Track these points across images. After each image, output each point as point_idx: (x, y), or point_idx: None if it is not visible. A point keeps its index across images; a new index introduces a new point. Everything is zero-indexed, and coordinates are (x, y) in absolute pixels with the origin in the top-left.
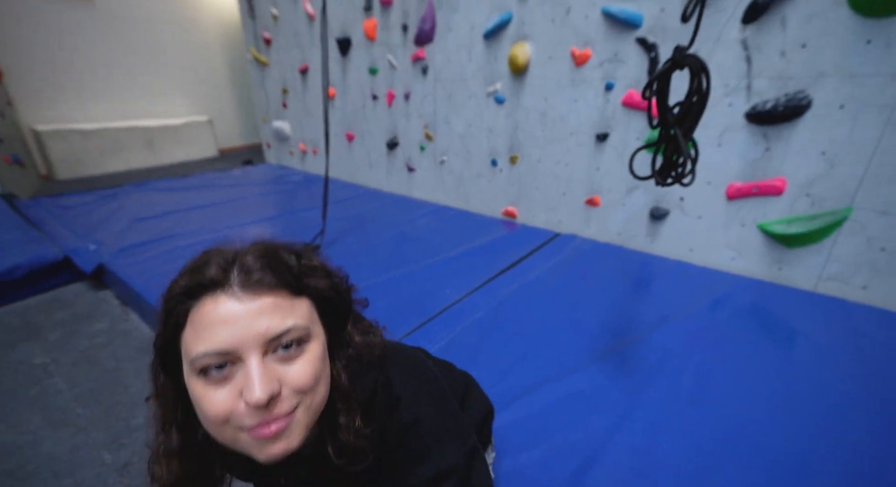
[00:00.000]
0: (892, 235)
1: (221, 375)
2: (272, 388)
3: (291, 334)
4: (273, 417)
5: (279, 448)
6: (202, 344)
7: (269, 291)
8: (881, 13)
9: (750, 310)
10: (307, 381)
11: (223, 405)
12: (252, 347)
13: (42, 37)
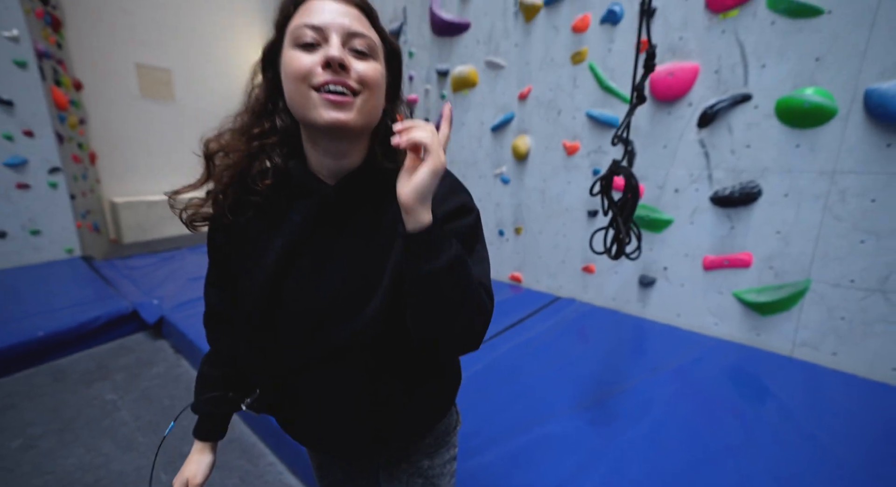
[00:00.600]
0: (849, 306)
1: (311, 48)
2: (344, 57)
3: (366, 40)
4: (340, 80)
5: (336, 116)
6: (304, 19)
7: (357, 8)
8: (803, 126)
9: (728, 371)
10: (369, 75)
11: (308, 63)
12: (337, 31)
13: (130, 127)
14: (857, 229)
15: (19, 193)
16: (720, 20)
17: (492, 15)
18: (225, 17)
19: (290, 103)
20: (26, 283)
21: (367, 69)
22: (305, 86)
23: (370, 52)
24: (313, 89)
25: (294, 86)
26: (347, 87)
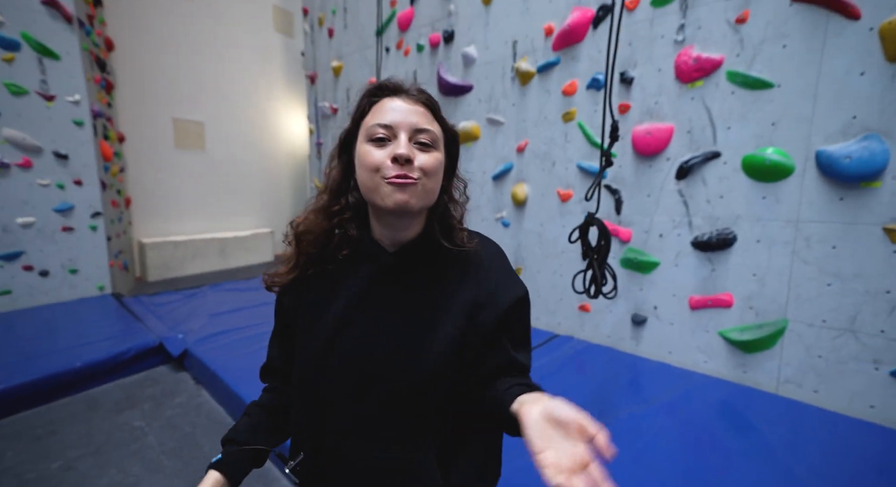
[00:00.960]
0: (824, 345)
1: (383, 143)
2: (410, 153)
3: (428, 135)
4: (405, 173)
5: (402, 198)
6: (378, 118)
7: (423, 105)
8: (767, 180)
9: (715, 406)
10: (430, 165)
11: (379, 157)
12: (404, 129)
13: (163, 174)
14: (823, 273)
15: (63, 235)
16: (689, 88)
17: (492, 79)
18: (252, 76)
19: (361, 187)
20: (63, 319)
21: (428, 160)
22: (378, 176)
23: (432, 144)
24: (383, 179)
25: (367, 176)
26: (410, 178)
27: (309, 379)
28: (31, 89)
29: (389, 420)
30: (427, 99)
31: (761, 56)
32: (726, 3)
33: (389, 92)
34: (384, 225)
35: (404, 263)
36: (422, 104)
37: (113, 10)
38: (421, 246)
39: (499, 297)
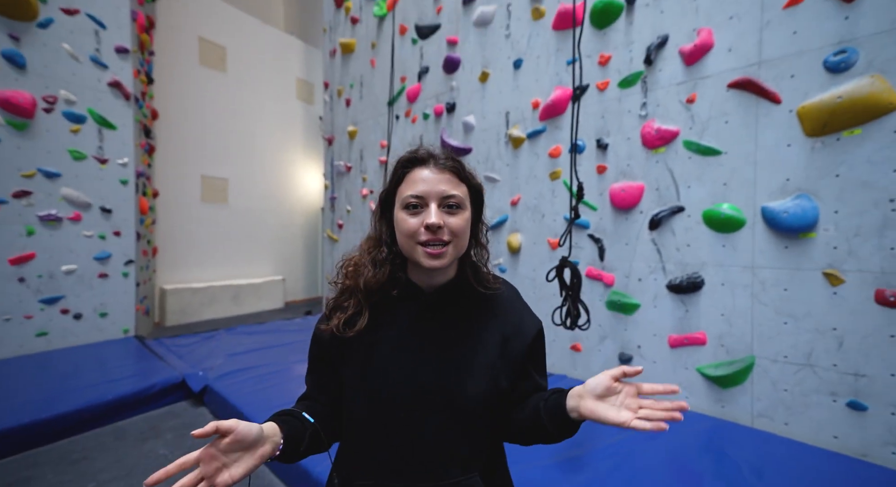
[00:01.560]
0: (788, 379)
1: (416, 210)
2: (440, 220)
3: (455, 199)
4: (437, 239)
5: (436, 262)
6: (410, 189)
7: (449, 172)
8: (724, 231)
9: (694, 439)
10: (459, 227)
11: (414, 225)
12: (434, 198)
13: (189, 226)
14: (779, 313)
15: (99, 281)
16: (654, 154)
17: (488, 143)
18: (274, 137)
19: (400, 247)
20: (93, 358)
21: (457, 222)
22: (413, 241)
23: (460, 205)
24: (418, 244)
25: (404, 240)
26: (441, 242)
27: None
28: (90, 154)
29: (445, 445)
30: (453, 165)
31: (709, 129)
32: (678, 86)
33: (420, 162)
34: (420, 273)
35: (440, 303)
36: (448, 171)
37: (160, 85)
38: (454, 289)
39: (523, 330)
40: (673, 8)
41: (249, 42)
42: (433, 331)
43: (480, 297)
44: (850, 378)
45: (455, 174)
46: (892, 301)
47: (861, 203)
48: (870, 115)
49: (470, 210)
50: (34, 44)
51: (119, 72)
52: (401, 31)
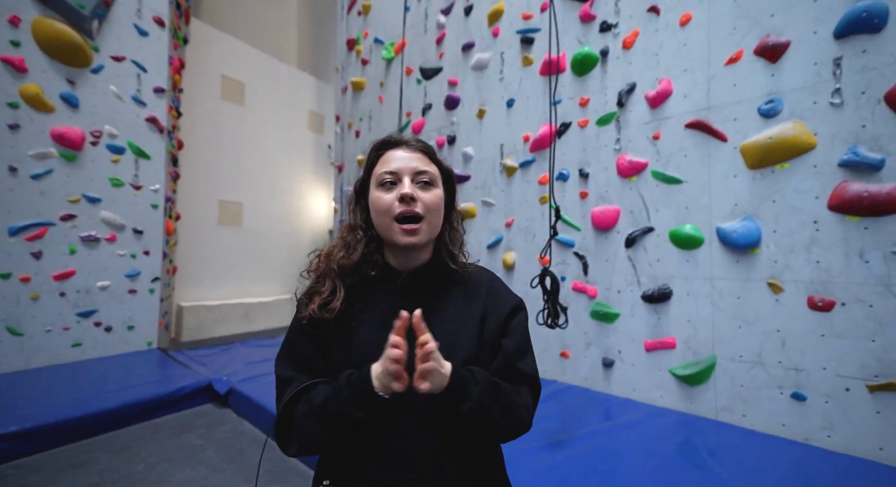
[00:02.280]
0: (743, 376)
1: (391, 186)
2: (414, 192)
3: (427, 175)
4: (411, 211)
5: (412, 238)
6: (385, 167)
7: (421, 152)
8: (687, 248)
9: (664, 432)
10: (432, 202)
11: (389, 200)
12: (407, 173)
13: (205, 247)
14: (734, 317)
15: (128, 296)
16: (627, 182)
17: (485, 171)
18: (286, 164)
19: (376, 226)
20: (124, 366)
21: (430, 197)
22: (389, 217)
23: (432, 182)
24: (395, 220)
25: (380, 218)
26: (416, 214)
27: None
28: (126, 181)
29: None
30: (424, 146)
31: (672, 161)
32: (645, 125)
33: (392, 145)
34: (396, 254)
35: (417, 284)
36: (419, 151)
37: (186, 118)
38: (430, 269)
39: (498, 307)
40: (639, 61)
41: (266, 78)
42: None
43: (457, 278)
44: (793, 372)
45: (426, 154)
46: (820, 306)
47: (792, 224)
48: (794, 153)
49: (442, 189)
50: (86, 86)
51: (155, 108)
52: (407, 72)
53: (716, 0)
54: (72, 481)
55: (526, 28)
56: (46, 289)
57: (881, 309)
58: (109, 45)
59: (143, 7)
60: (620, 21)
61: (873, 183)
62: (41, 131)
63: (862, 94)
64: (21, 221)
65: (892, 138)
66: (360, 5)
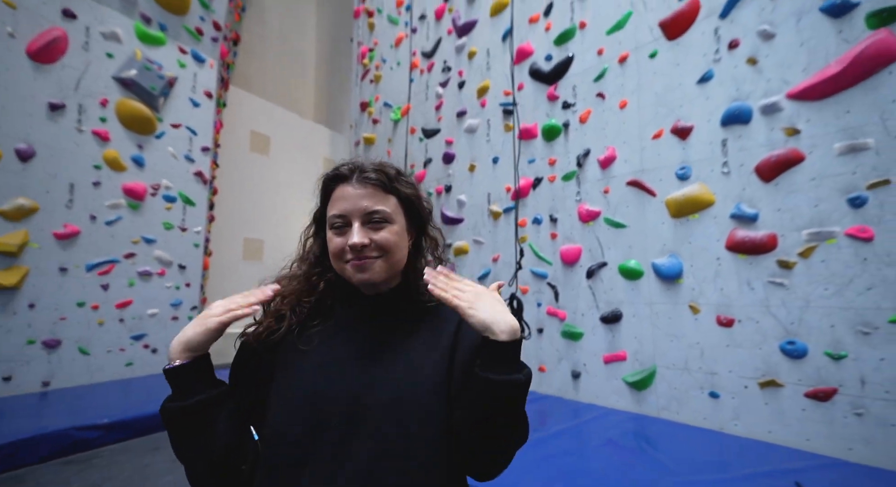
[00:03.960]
0: (675, 380)
1: (341, 230)
2: (363, 240)
3: (380, 213)
4: (364, 256)
5: (364, 277)
6: (334, 209)
7: (372, 186)
8: (632, 279)
9: (621, 429)
10: (387, 241)
11: (340, 245)
12: (356, 216)
13: (230, 280)
14: (667, 334)
15: (171, 323)
16: (586, 226)
17: (476, 215)
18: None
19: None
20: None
21: (383, 237)
22: (341, 261)
23: (387, 220)
24: (345, 262)
25: (334, 260)
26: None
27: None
28: (175, 225)
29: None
30: (377, 178)
31: (618, 210)
32: (598, 182)
33: (342, 179)
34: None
35: (380, 308)
36: (371, 185)
37: (221, 168)
38: (397, 295)
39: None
40: (592, 133)
41: (288, 131)
42: (372, 339)
43: (425, 308)
44: (709, 376)
45: (380, 187)
46: (725, 323)
47: (703, 260)
48: (701, 207)
49: (401, 222)
50: (151, 149)
51: (202, 164)
52: (411, 131)
53: (643, 92)
54: (150, 458)
55: (506, 101)
56: (109, 316)
57: (764, 325)
58: (170, 116)
59: (197, 84)
60: (577, 102)
61: (752, 230)
62: (115, 186)
63: (741, 166)
64: (95, 259)
65: (762, 199)
66: (372, 75)
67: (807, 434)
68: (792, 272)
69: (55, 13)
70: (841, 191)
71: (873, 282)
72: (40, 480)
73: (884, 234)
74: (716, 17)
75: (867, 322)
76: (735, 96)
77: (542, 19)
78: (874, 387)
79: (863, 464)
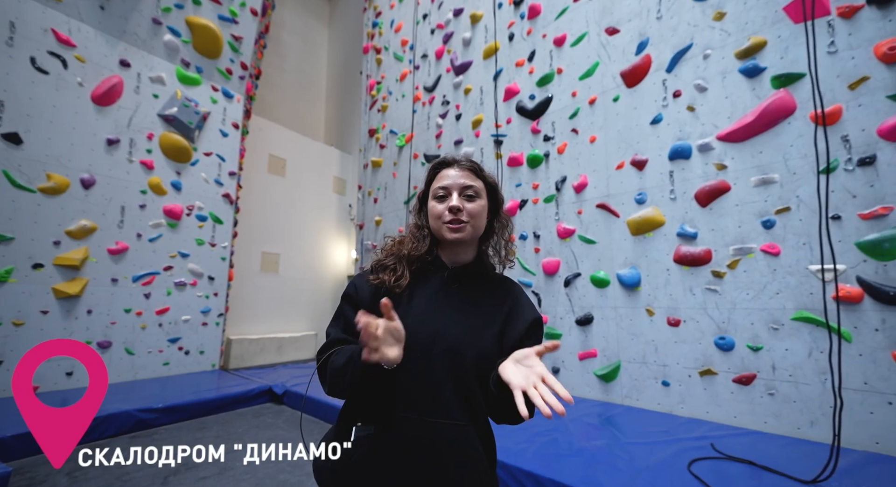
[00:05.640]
0: (635, 372)
1: (443, 199)
2: (460, 204)
3: (473, 189)
4: (458, 219)
5: (457, 236)
6: (439, 183)
7: (468, 170)
8: (601, 287)
9: (591, 413)
10: (475, 210)
11: (441, 209)
12: (456, 188)
13: (250, 290)
14: (629, 333)
15: (202, 328)
16: (564, 241)
17: None
18: (314, 221)
19: (432, 228)
20: (202, 379)
21: (473, 207)
22: (440, 222)
23: (476, 195)
24: (444, 223)
25: (434, 222)
26: (461, 221)
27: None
28: (206, 240)
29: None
30: (471, 165)
31: (589, 229)
32: (573, 204)
33: (446, 165)
34: (447, 251)
35: (460, 277)
36: (467, 169)
37: (244, 189)
38: (472, 267)
39: (522, 317)
40: (568, 162)
41: (302, 153)
42: (453, 297)
43: (494, 280)
44: (662, 367)
45: (473, 172)
46: (673, 323)
47: (656, 271)
48: (654, 226)
49: (486, 200)
50: (187, 175)
51: (229, 187)
52: (414, 156)
53: (608, 129)
54: (200, 433)
55: (497, 133)
56: (151, 321)
57: (702, 324)
58: (203, 145)
59: (226, 117)
60: (556, 135)
61: (693, 246)
62: (157, 208)
63: (684, 193)
64: (140, 271)
65: (700, 220)
66: (380, 105)
67: (734, 412)
68: (723, 280)
69: (114, 63)
70: (757, 215)
71: (780, 288)
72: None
73: (787, 250)
74: (663, 70)
75: (776, 320)
76: (679, 136)
77: (527, 64)
78: (781, 372)
79: (772, 433)
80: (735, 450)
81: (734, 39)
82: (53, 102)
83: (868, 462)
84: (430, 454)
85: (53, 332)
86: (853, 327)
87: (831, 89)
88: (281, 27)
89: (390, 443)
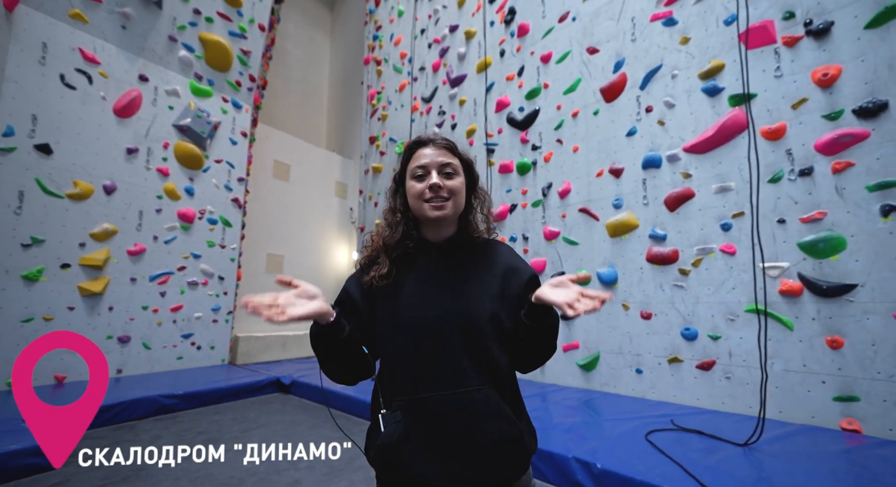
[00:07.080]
0: (613, 362)
1: (421, 178)
2: (440, 181)
3: (451, 166)
4: (439, 196)
5: (439, 213)
6: (417, 162)
7: (445, 148)
8: (583, 284)
9: (573, 399)
10: (455, 187)
11: (420, 188)
12: (434, 167)
13: (256, 290)
14: (607, 326)
15: (212, 325)
16: (549, 243)
17: None
18: (316, 223)
19: (412, 208)
20: (213, 372)
21: (452, 183)
22: (421, 201)
23: (454, 172)
24: (425, 202)
25: (415, 201)
26: (443, 198)
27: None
28: (216, 243)
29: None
30: (447, 143)
31: (573, 231)
32: (558, 208)
33: (422, 144)
34: (430, 229)
35: (448, 251)
36: (443, 148)
37: (251, 194)
38: (457, 240)
39: (520, 271)
40: (553, 170)
41: (305, 159)
42: (445, 272)
43: (481, 246)
44: (636, 357)
45: (449, 150)
46: (646, 316)
47: (631, 270)
48: (629, 229)
49: (463, 176)
50: (199, 181)
51: (238, 192)
52: None
53: (589, 140)
54: (218, 417)
55: (489, 142)
56: (166, 318)
57: (671, 317)
58: (214, 153)
59: (235, 126)
60: (542, 145)
61: (662, 247)
62: (172, 212)
63: (655, 199)
64: (157, 271)
65: (669, 223)
66: (380, 114)
67: (697, 395)
68: (688, 277)
69: (134, 78)
70: (716, 219)
71: (736, 284)
72: (144, 429)
73: (742, 250)
74: (637, 88)
75: (732, 312)
76: (651, 147)
77: (516, 78)
78: (736, 358)
79: (728, 412)
80: (693, 426)
81: (697, 61)
82: (80, 115)
83: (800, 433)
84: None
85: (79, 327)
86: (794, 317)
87: (777, 108)
88: (286, 39)
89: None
